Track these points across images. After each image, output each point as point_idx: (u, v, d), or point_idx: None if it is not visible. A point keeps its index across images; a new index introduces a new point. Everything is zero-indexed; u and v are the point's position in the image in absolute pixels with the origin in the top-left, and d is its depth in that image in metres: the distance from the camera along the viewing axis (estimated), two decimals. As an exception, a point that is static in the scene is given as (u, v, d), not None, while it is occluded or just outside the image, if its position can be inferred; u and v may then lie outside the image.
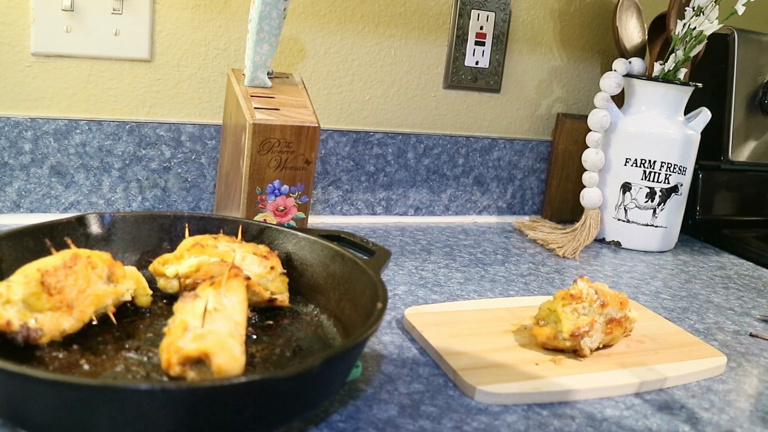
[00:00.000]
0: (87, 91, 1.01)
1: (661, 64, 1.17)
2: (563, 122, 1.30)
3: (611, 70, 1.21)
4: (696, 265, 1.16)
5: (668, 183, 1.19)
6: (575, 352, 0.72)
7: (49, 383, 0.45)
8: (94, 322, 0.62)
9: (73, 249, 0.62)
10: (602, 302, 0.73)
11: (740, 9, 1.11)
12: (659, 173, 1.18)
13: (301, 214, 0.95)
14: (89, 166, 1.02)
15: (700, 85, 1.19)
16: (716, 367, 0.76)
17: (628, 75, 1.21)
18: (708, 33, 1.13)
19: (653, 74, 1.19)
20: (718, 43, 1.27)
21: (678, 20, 1.15)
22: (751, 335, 0.88)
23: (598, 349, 0.74)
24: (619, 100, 1.25)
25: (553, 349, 0.73)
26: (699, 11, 1.12)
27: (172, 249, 0.72)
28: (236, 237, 0.74)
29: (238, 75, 0.95)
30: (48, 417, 0.48)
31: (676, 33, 1.15)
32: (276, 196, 0.92)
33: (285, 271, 0.71)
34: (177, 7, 1.02)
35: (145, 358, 0.59)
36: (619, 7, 1.22)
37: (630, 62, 1.21)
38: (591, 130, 1.22)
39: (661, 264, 1.14)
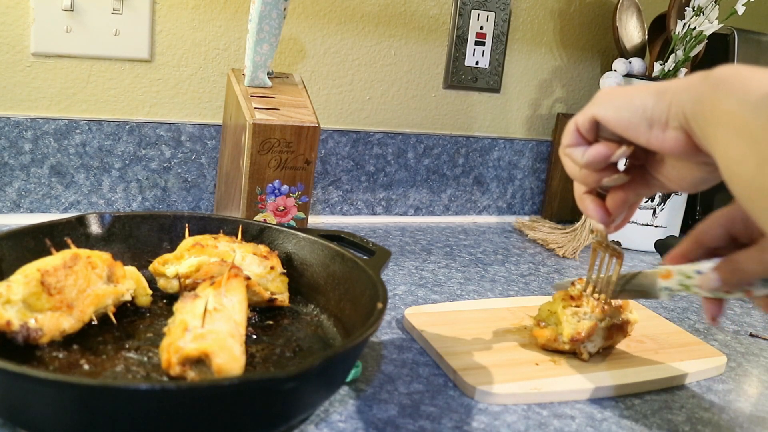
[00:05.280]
0: (87, 91, 1.01)
1: (661, 64, 1.17)
2: (563, 122, 1.30)
3: (611, 70, 1.21)
4: (696, 265, 1.16)
5: (668, 183, 1.19)
6: (575, 354, 0.72)
7: (49, 383, 0.45)
8: (94, 322, 0.62)
9: (73, 249, 0.62)
10: (602, 307, 0.72)
11: (740, 9, 1.11)
12: (659, 173, 1.18)
13: (301, 214, 0.95)
14: (89, 166, 1.02)
15: (700, 85, 1.18)
16: (716, 367, 0.76)
17: (628, 75, 1.21)
18: (708, 33, 1.13)
19: (653, 74, 1.19)
20: (718, 43, 1.27)
21: (678, 20, 1.15)
22: (751, 335, 0.88)
23: (598, 352, 0.74)
24: (619, 100, 1.25)
25: (553, 350, 0.73)
26: (699, 11, 1.12)
27: (172, 249, 0.72)
28: (236, 237, 0.74)
29: (238, 75, 0.95)
30: (48, 417, 0.48)
31: (676, 33, 1.15)
32: (276, 196, 0.92)
33: (285, 271, 0.72)
34: (177, 7, 1.02)
35: (145, 358, 0.59)
36: (619, 7, 1.22)
37: (630, 62, 1.21)
38: (591, 130, 1.22)
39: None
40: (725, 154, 0.46)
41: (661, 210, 1.20)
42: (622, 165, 0.58)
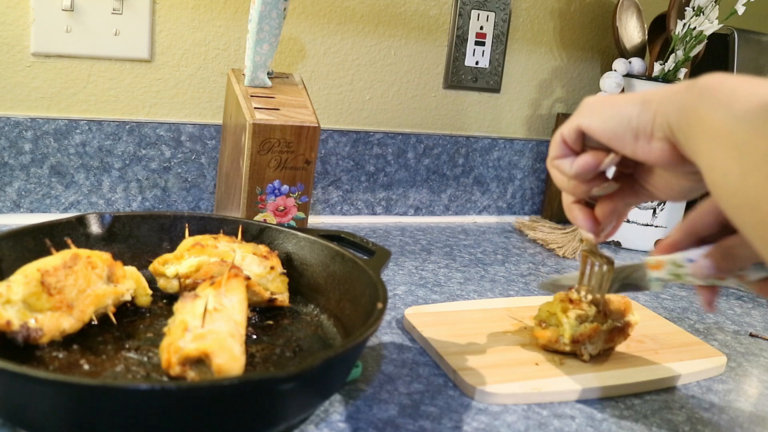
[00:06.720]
0: (87, 91, 1.01)
1: (661, 64, 1.17)
2: (563, 122, 1.30)
3: (611, 70, 1.21)
4: (696, 265, 1.16)
5: (668, 183, 1.19)
6: (575, 354, 0.72)
7: (49, 383, 0.45)
8: (94, 322, 0.62)
9: (73, 249, 0.62)
10: (605, 312, 0.72)
11: (740, 9, 1.11)
12: (659, 173, 1.18)
13: (301, 214, 0.95)
14: (89, 166, 1.02)
15: (700, 85, 1.18)
16: (716, 367, 0.76)
17: (628, 75, 1.21)
18: (708, 33, 1.13)
19: (653, 74, 1.19)
20: (718, 43, 1.27)
21: (678, 20, 1.15)
22: (751, 335, 0.88)
23: (598, 354, 0.74)
24: (619, 100, 1.25)
25: (553, 350, 0.73)
26: (699, 11, 1.12)
27: (172, 249, 0.72)
28: (236, 237, 0.74)
29: (238, 75, 0.95)
30: (48, 417, 0.48)
31: (676, 33, 1.15)
32: (276, 196, 0.92)
33: (285, 271, 0.71)
34: (177, 7, 1.02)
35: (145, 358, 0.59)
36: (619, 7, 1.22)
37: (630, 62, 1.21)
38: (591, 130, 1.22)
39: (661, 264, 1.14)
40: (710, 165, 0.45)
41: (661, 210, 1.20)
42: (610, 173, 0.58)
